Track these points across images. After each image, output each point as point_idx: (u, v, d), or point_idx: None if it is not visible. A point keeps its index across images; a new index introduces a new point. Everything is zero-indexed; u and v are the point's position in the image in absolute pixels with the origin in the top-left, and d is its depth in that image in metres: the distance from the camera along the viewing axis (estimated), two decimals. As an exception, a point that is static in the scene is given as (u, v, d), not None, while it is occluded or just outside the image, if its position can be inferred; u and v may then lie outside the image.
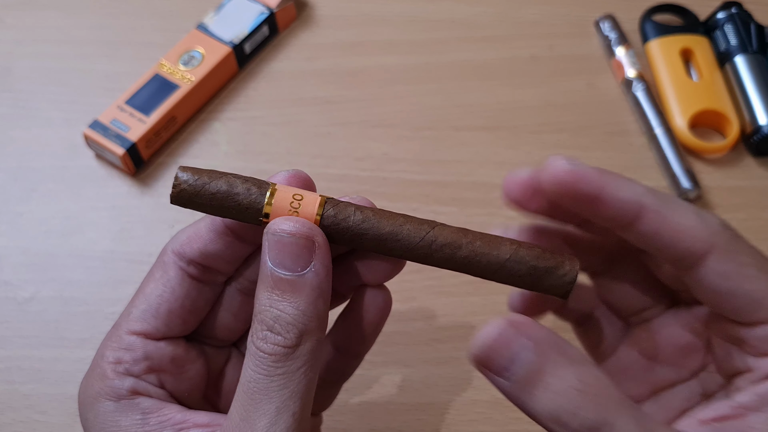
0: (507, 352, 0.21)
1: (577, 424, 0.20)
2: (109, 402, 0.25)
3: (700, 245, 0.22)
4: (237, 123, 0.49)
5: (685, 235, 0.22)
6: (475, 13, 0.54)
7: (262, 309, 0.23)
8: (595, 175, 0.22)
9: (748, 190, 0.46)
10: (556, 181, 0.22)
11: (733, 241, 0.23)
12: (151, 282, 0.26)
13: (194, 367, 0.27)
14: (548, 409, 0.21)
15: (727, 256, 0.22)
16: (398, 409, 0.38)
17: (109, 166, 0.46)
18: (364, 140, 0.48)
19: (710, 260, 0.22)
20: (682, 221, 0.22)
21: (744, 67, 0.48)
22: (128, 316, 0.26)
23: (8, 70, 0.51)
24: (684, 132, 0.47)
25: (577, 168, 0.22)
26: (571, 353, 0.22)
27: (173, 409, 0.25)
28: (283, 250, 0.23)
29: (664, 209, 0.22)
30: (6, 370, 0.39)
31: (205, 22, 0.50)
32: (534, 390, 0.21)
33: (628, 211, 0.22)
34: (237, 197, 0.24)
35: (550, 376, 0.21)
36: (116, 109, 0.46)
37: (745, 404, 0.22)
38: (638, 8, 0.52)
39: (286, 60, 0.52)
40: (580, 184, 0.22)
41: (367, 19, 0.54)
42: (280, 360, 0.22)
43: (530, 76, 0.51)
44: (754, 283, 0.22)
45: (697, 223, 0.22)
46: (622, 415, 0.21)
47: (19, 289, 0.42)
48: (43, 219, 0.44)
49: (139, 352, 0.25)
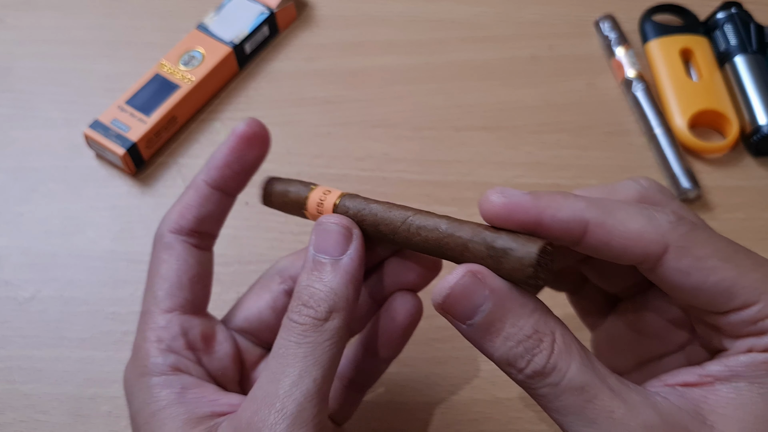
0: (469, 301, 0.23)
1: (530, 369, 0.22)
2: (154, 377, 0.27)
3: (653, 247, 0.22)
4: (237, 123, 0.48)
5: (634, 241, 0.22)
6: (475, 13, 0.54)
7: (300, 288, 0.26)
8: (530, 202, 0.23)
9: (747, 190, 0.46)
10: (493, 216, 0.23)
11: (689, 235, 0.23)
12: (162, 264, 0.28)
13: (224, 346, 0.29)
14: (504, 354, 0.23)
15: (682, 252, 0.22)
16: (398, 409, 0.38)
17: (110, 166, 0.47)
18: (364, 140, 0.48)
19: (666, 260, 0.22)
20: (628, 228, 0.22)
21: (744, 67, 0.48)
22: (155, 298, 0.28)
23: (8, 70, 0.51)
24: (684, 132, 0.47)
25: (509, 200, 0.23)
26: (530, 304, 0.23)
27: (210, 388, 0.27)
28: (326, 238, 0.26)
29: (609, 219, 0.23)
30: (6, 369, 0.39)
31: (206, 22, 0.50)
32: (492, 336, 0.23)
33: (571, 230, 0.23)
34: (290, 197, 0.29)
35: (509, 325, 0.23)
36: (117, 109, 0.46)
37: (714, 373, 0.23)
38: (638, 8, 0.52)
39: (287, 60, 0.52)
40: (516, 215, 0.23)
41: (367, 19, 0.54)
42: (308, 330, 0.25)
43: (530, 76, 0.51)
44: (718, 273, 0.22)
45: (644, 226, 0.22)
46: (575, 362, 0.22)
47: (20, 288, 0.42)
48: (44, 219, 0.44)
49: (175, 328, 0.28)
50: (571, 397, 0.22)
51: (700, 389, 0.23)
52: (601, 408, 0.22)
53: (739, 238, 0.45)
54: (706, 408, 0.22)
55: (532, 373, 0.22)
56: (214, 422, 0.26)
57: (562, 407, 0.22)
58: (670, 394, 0.23)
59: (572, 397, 0.22)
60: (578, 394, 0.22)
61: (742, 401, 0.22)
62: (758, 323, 0.22)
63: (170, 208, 0.29)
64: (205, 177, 0.29)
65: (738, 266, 0.22)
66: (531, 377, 0.22)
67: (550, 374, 0.22)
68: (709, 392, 0.23)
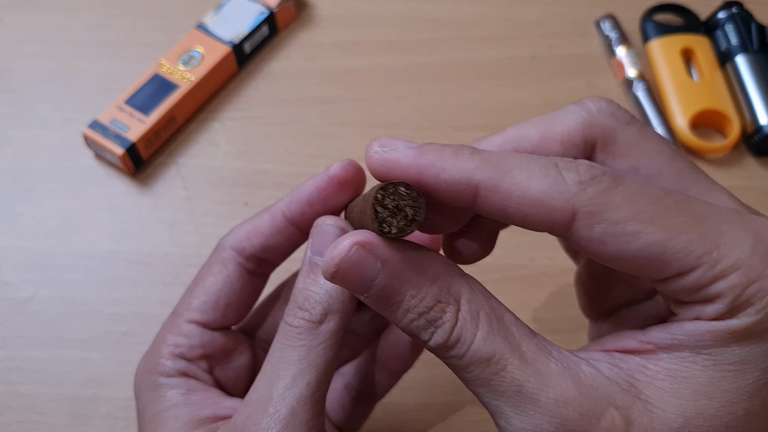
0: (361, 275, 0.21)
1: (433, 342, 0.21)
2: (161, 377, 0.27)
3: (556, 215, 0.19)
4: (237, 123, 0.49)
5: (534, 207, 0.19)
6: (475, 13, 0.54)
7: (297, 291, 0.25)
8: (410, 159, 0.20)
9: (748, 190, 0.46)
10: (372, 172, 0.21)
11: (600, 197, 0.19)
12: (210, 275, 0.28)
13: (241, 359, 0.29)
14: (406, 326, 0.21)
15: (592, 218, 0.19)
16: (398, 409, 0.38)
17: (109, 166, 0.46)
18: (364, 140, 0.48)
19: (576, 228, 0.19)
20: (527, 191, 0.19)
21: (745, 67, 0.48)
22: (189, 305, 0.28)
23: (7, 70, 0.51)
24: (685, 132, 0.47)
25: (387, 155, 0.21)
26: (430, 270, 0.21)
27: (214, 392, 0.27)
28: (322, 240, 0.25)
29: (504, 182, 0.19)
30: (5, 370, 0.39)
31: (205, 21, 0.50)
32: (392, 308, 0.21)
33: (459, 192, 0.20)
34: None
35: (408, 297, 0.21)
36: (116, 109, 0.46)
37: (656, 341, 0.20)
38: (639, 8, 0.52)
39: (286, 60, 0.52)
40: (394, 173, 0.21)
41: (367, 19, 0.54)
42: (303, 333, 0.24)
43: (530, 76, 0.51)
44: (641, 239, 0.19)
45: (546, 189, 0.19)
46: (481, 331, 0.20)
47: (19, 289, 0.42)
48: (43, 219, 0.44)
49: (195, 339, 0.28)
50: (478, 368, 0.20)
51: (640, 357, 0.20)
52: (510, 381, 0.20)
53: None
54: (642, 380, 0.20)
55: (435, 346, 0.21)
56: (214, 425, 0.26)
57: (470, 378, 0.21)
58: (603, 361, 0.21)
59: (479, 368, 0.20)
60: (485, 365, 0.20)
61: (684, 374, 0.20)
62: (701, 291, 0.19)
63: (241, 224, 0.29)
64: (284, 208, 0.28)
65: (666, 228, 0.19)
66: (435, 349, 0.21)
67: (453, 346, 0.21)
68: (648, 361, 0.20)
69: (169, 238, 0.44)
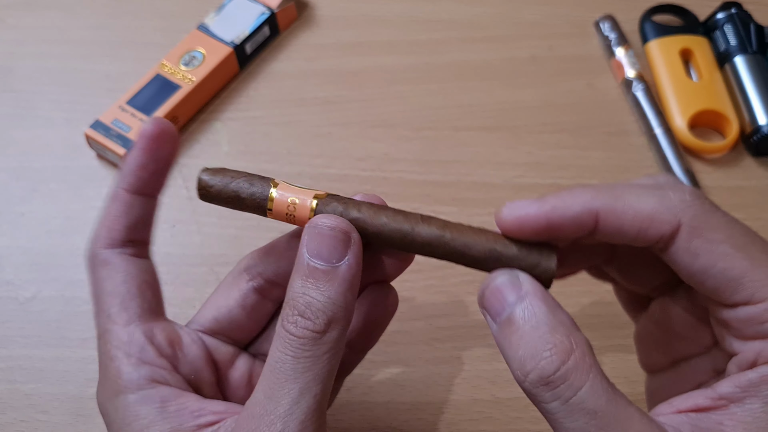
0: (501, 298, 0.23)
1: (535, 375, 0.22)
2: (130, 394, 0.25)
3: (665, 227, 0.22)
4: (238, 123, 0.49)
5: (646, 222, 0.22)
6: (475, 13, 0.54)
7: (296, 295, 0.24)
8: (535, 209, 0.23)
9: (747, 190, 0.46)
10: (508, 231, 0.24)
11: (702, 215, 0.22)
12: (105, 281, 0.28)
13: (192, 350, 0.28)
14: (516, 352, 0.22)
15: (693, 233, 0.22)
16: (398, 409, 0.38)
17: (111, 166, 0.47)
18: (364, 140, 0.48)
19: (678, 240, 0.22)
20: (639, 209, 0.22)
21: (743, 68, 0.48)
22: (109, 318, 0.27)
23: (10, 71, 0.51)
24: (684, 132, 0.47)
25: (517, 213, 0.24)
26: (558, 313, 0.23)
27: (191, 397, 0.26)
28: (321, 242, 0.24)
29: (618, 203, 0.23)
30: (7, 369, 0.39)
31: (206, 22, 0.51)
32: (512, 334, 0.23)
33: (583, 222, 0.23)
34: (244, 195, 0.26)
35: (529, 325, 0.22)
36: (117, 110, 0.46)
37: (726, 395, 0.22)
38: (638, 9, 0.52)
39: (287, 60, 0.52)
40: (528, 225, 0.24)
41: (368, 19, 0.54)
42: (307, 344, 0.24)
43: (530, 76, 0.51)
44: (728, 261, 0.22)
45: (655, 206, 0.22)
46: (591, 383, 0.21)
47: (21, 288, 0.42)
48: (45, 219, 0.44)
49: (140, 338, 0.26)
50: (582, 419, 0.21)
51: (715, 414, 0.22)
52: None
53: (739, 238, 0.44)
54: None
55: (537, 379, 0.21)
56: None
57: (571, 428, 0.21)
58: (685, 424, 0.22)
59: (582, 419, 0.21)
60: (591, 417, 0.21)
61: (758, 423, 0.21)
62: (765, 324, 0.21)
63: (96, 228, 0.28)
64: (123, 185, 0.27)
65: (751, 257, 0.21)
66: (536, 384, 0.21)
67: (558, 385, 0.21)
68: (724, 416, 0.22)
69: (170, 237, 0.44)
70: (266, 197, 0.26)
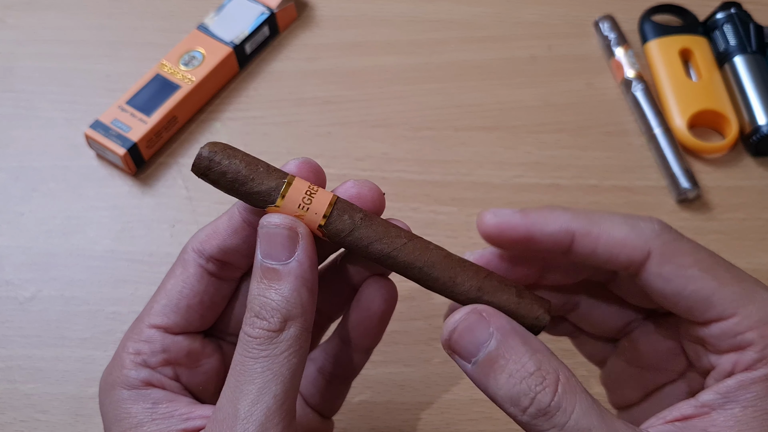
0: (473, 338, 0.24)
1: (533, 408, 0.22)
2: (124, 390, 0.26)
3: (636, 254, 0.24)
4: (237, 123, 0.49)
5: (618, 247, 0.24)
6: (475, 13, 0.54)
7: (252, 298, 0.24)
8: (519, 220, 0.24)
9: (747, 190, 0.46)
10: (487, 236, 0.25)
11: (671, 243, 0.24)
12: (172, 278, 0.28)
13: (210, 362, 0.28)
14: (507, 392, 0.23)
15: (663, 259, 0.23)
16: (398, 409, 0.38)
17: (110, 166, 0.47)
18: (364, 140, 0.48)
19: (649, 266, 0.24)
20: (612, 235, 0.24)
21: (743, 68, 0.48)
22: (150, 310, 0.27)
23: (9, 71, 0.51)
24: (683, 132, 0.47)
25: (500, 220, 0.25)
26: (534, 343, 0.24)
27: (183, 401, 0.26)
28: (270, 242, 0.24)
29: (594, 228, 0.24)
30: (7, 369, 0.39)
31: (206, 22, 0.51)
32: (496, 374, 0.23)
33: (559, 240, 0.24)
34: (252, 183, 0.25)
35: (512, 362, 0.23)
36: (117, 109, 0.46)
37: (709, 403, 0.23)
38: (637, 8, 0.53)
39: (287, 60, 0.52)
40: (508, 233, 0.24)
41: (367, 19, 0.54)
42: (264, 343, 0.24)
43: (530, 76, 0.51)
44: (697, 282, 0.23)
45: (628, 233, 0.24)
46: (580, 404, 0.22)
47: (21, 288, 0.42)
48: (44, 218, 0.44)
49: (157, 344, 0.27)
50: None
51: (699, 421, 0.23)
52: None
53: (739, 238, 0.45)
54: None
55: (536, 412, 0.22)
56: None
57: None
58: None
59: None
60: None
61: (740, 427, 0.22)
62: (737, 337, 0.23)
63: (205, 226, 0.28)
64: (240, 207, 0.27)
65: (717, 278, 0.23)
66: (535, 416, 0.22)
67: (554, 414, 0.22)
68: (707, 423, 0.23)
69: (170, 237, 0.44)
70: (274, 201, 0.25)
